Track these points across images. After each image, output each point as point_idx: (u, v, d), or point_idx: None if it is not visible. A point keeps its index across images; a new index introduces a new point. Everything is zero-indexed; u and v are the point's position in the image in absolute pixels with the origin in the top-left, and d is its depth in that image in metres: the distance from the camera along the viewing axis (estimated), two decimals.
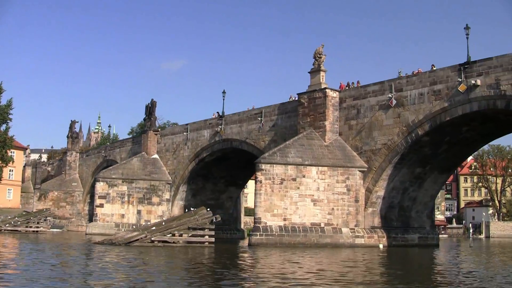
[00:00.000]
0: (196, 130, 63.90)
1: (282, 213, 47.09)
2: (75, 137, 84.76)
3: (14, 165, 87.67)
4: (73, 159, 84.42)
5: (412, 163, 48.64)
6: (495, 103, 41.92)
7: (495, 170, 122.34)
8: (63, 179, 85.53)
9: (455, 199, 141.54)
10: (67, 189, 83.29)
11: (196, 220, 43.22)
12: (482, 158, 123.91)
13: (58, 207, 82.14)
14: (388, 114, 47.55)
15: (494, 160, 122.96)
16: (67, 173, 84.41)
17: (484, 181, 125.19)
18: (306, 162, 48.03)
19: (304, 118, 51.56)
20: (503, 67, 41.52)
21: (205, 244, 43.33)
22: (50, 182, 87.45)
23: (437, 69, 45.72)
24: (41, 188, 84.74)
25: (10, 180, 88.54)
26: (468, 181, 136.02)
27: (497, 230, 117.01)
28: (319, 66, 51.39)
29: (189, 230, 43.41)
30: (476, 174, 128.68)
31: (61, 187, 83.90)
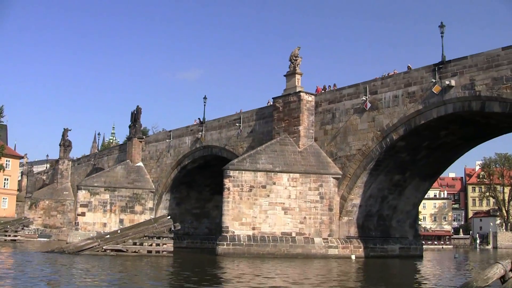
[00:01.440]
0: (178, 137, 60.79)
1: (251, 221, 43.70)
2: (68, 145, 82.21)
3: (10, 173, 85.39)
4: (65, 167, 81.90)
5: (390, 169, 44.84)
6: (470, 105, 38.18)
7: (502, 180, 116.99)
8: (54, 187, 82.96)
9: (463, 209, 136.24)
10: (58, 197, 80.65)
11: (154, 228, 39.91)
12: (489, 167, 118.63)
13: (49, 216, 79.51)
14: (362, 118, 43.94)
15: (502, 169, 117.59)
16: (59, 181, 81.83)
17: (491, 190, 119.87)
18: (277, 169, 44.55)
19: (279, 123, 48.12)
20: (477, 66, 37.80)
21: (162, 254, 39.95)
22: (41, 191, 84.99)
23: (412, 70, 41.96)
24: (32, 197, 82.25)
25: (5, 189, 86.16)
26: (476, 190, 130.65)
27: (505, 240, 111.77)
28: (295, 69, 47.99)
29: (146, 239, 40.05)
30: (483, 184, 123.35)
31: (52, 195, 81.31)
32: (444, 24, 40.70)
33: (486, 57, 37.51)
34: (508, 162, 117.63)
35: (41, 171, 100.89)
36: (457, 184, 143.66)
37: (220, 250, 43.16)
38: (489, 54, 37.49)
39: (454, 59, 39.32)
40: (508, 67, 36.33)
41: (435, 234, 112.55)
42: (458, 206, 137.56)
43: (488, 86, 37.02)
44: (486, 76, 37.22)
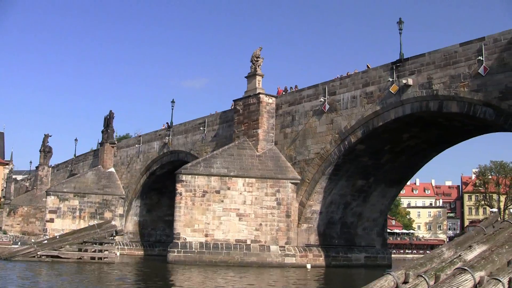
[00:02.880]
0: (147, 142, 57.55)
1: (203, 228, 40.30)
2: (48, 151, 79.29)
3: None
4: (44, 173, 78.94)
5: (351, 174, 41.25)
6: (428, 105, 34.68)
7: (497, 188, 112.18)
8: (34, 194, 79.95)
9: (459, 217, 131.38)
10: (37, 204, 77.49)
11: (96, 234, 36.62)
12: (484, 176, 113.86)
13: (27, 223, 76.44)
14: (321, 121, 40.46)
15: (497, 177, 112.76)
16: (39, 188, 78.78)
17: (487, 199, 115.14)
18: (232, 173, 41.13)
19: (239, 127, 44.73)
20: (435, 64, 34.33)
21: (104, 260, 36.64)
22: (20, 197, 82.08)
23: (371, 69, 38.44)
24: (11, 204, 79.29)
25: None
26: (472, 199, 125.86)
27: None
28: (255, 70, 44.60)
29: (88, 245, 36.80)
30: (478, 192, 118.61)
31: (31, 202, 78.22)
32: (402, 20, 37.13)
33: (444, 54, 34.03)
34: (503, 170, 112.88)
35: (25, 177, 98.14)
36: (453, 192, 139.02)
37: (171, 257, 39.88)
38: (446, 50, 34.00)
39: (412, 56, 35.89)
40: (465, 64, 32.81)
41: (428, 244, 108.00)
42: (454, 215, 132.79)
43: (446, 85, 33.52)
44: (444, 74, 33.74)
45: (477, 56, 32.17)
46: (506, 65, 31.01)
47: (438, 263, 14.82)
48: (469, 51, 32.80)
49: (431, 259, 15.86)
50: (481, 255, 14.44)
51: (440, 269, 13.36)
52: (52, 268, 31.54)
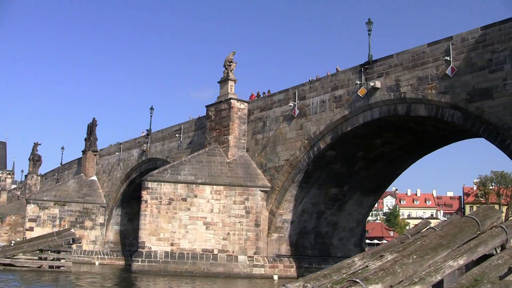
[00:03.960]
0: (127, 150, 55.50)
1: (169, 237, 38.03)
2: (37, 160, 77.55)
3: None
4: (33, 182, 77.14)
5: (323, 182, 38.81)
6: (396, 108, 32.29)
7: (498, 199, 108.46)
8: (22, 203, 77.99)
9: None
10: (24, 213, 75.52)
11: (53, 241, 34.50)
12: (485, 186, 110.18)
13: (14, 232, 74.47)
14: (291, 126, 38.16)
15: (498, 188, 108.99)
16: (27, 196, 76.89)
17: None
18: (199, 181, 38.89)
19: (211, 133, 42.53)
20: (403, 65, 31.98)
21: (60, 269, 34.44)
22: (8, 206, 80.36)
23: (340, 71, 36.10)
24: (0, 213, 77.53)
25: None
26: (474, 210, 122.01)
27: None
28: (228, 75, 42.38)
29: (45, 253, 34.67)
30: (479, 203, 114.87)
31: (19, 211, 76.23)
32: (371, 20, 34.81)
33: (412, 55, 31.69)
34: (504, 180, 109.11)
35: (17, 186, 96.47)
36: (454, 203, 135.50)
37: (135, 267, 37.70)
38: (414, 51, 31.66)
39: (380, 58, 33.52)
40: (433, 65, 30.44)
41: None
42: None
43: (413, 87, 31.14)
44: (411, 75, 31.38)
45: (444, 57, 29.78)
46: (474, 66, 28.63)
47: (343, 274, 12.74)
48: (437, 51, 30.45)
49: (339, 269, 13.64)
50: (381, 266, 12.14)
51: (339, 282, 11.59)
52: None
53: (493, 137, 27.88)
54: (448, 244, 13.25)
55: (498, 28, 27.94)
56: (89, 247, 55.55)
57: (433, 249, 12.99)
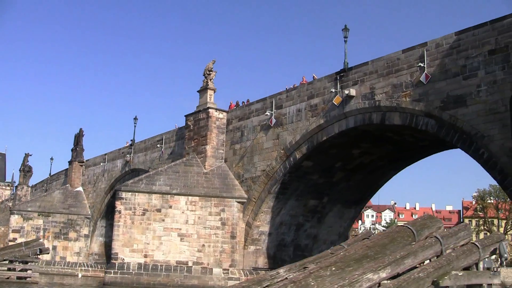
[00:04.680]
0: (112, 160, 54.21)
1: (143, 248, 36.55)
2: (28, 171, 76.38)
3: None
4: (23, 193, 75.82)
5: (301, 193, 37.29)
6: (371, 117, 30.79)
7: (497, 213, 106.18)
8: None
9: None
10: None
11: (20, 252, 33.11)
12: (484, 200, 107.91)
13: (3, 243, 73.04)
14: (268, 136, 36.75)
15: (497, 202, 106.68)
16: None
17: (487, 224, 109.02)
18: (174, 191, 37.46)
19: (190, 143, 41.16)
20: (378, 72, 30.59)
21: (27, 281, 33.01)
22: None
23: (316, 80, 34.72)
24: None
25: None
26: (473, 224, 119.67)
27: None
28: (207, 84, 41.07)
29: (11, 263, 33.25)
30: (478, 217, 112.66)
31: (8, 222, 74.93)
32: (348, 27, 33.44)
33: (387, 62, 30.29)
34: (503, 194, 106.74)
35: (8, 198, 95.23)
36: (454, 217, 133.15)
37: (107, 279, 36.25)
38: (389, 58, 30.28)
39: (356, 65, 32.14)
40: (408, 72, 29.04)
41: None
42: None
43: (388, 95, 29.72)
44: (386, 83, 29.98)
45: (419, 63, 28.38)
46: (448, 72, 27.23)
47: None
48: (411, 58, 29.08)
49: (260, 282, 12.35)
50: (293, 278, 10.74)
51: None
52: None
53: (467, 146, 26.41)
54: (375, 255, 11.79)
55: (472, 33, 26.58)
56: (73, 258, 54.10)
57: (357, 260, 11.54)
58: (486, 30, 26.05)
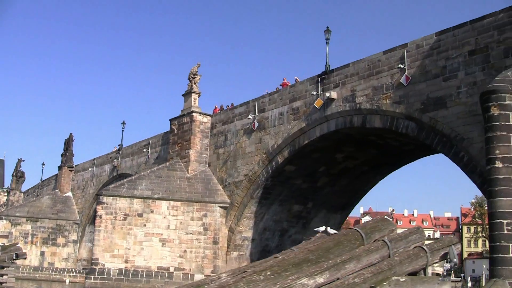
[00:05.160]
0: (100, 165, 53.34)
1: (123, 253, 35.59)
2: (20, 176, 75.45)
3: None
4: (16, 199, 74.95)
5: (285, 198, 36.32)
6: (352, 120, 29.82)
7: None
8: None
9: None
10: None
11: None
12: (481, 207, 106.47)
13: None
14: (251, 140, 35.83)
15: None
16: None
17: (485, 231, 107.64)
18: (156, 196, 36.52)
19: (174, 147, 40.27)
20: (359, 74, 29.63)
21: (3, 286, 31.99)
22: None
23: (298, 82, 33.81)
24: None
25: None
26: (471, 230, 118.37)
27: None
28: (192, 88, 40.21)
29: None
30: (476, 224, 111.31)
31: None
32: (330, 29, 32.55)
33: (368, 64, 29.36)
34: None
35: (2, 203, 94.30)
36: (452, 224, 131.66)
37: (87, 284, 35.32)
38: (370, 60, 29.35)
39: (337, 67, 31.21)
40: (388, 74, 28.11)
41: None
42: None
43: (369, 97, 28.78)
44: (367, 85, 29.03)
45: (399, 65, 27.45)
46: (428, 73, 26.29)
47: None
48: (392, 59, 28.15)
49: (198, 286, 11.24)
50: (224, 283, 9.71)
51: None
52: None
53: (447, 150, 25.45)
54: (317, 259, 10.74)
55: (452, 33, 25.66)
56: (61, 264, 53.16)
57: (296, 265, 10.50)
58: (466, 30, 25.14)
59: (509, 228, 15.14)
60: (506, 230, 15.16)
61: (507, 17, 23.90)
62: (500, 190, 15.45)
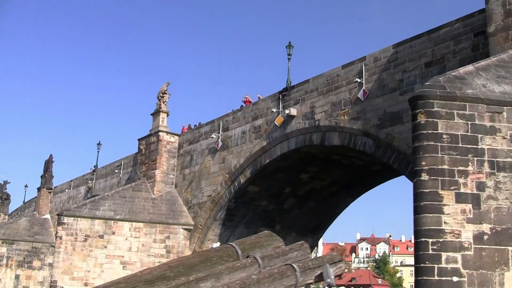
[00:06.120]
0: (76, 187, 51.45)
1: (83, 276, 33.48)
2: (6, 198, 73.60)
3: None
4: (0, 221, 73.17)
5: (250, 221, 34.24)
6: (311, 138, 27.91)
7: None
8: None
9: None
10: None
11: None
12: None
13: None
14: (215, 159, 33.92)
15: None
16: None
17: None
18: (118, 217, 34.53)
19: (141, 167, 38.40)
20: (318, 90, 27.86)
21: None
22: None
23: (261, 100, 32.04)
24: None
25: None
26: None
27: None
28: (160, 107, 38.47)
29: None
30: None
31: None
32: (292, 44, 30.86)
33: (327, 79, 27.59)
34: None
35: None
36: None
37: None
38: (329, 74, 27.60)
39: (298, 83, 29.43)
40: (347, 89, 26.30)
41: None
42: None
43: (327, 114, 26.93)
44: (326, 101, 27.21)
45: (356, 79, 25.66)
46: (385, 87, 24.48)
47: None
48: (350, 74, 26.38)
49: None
50: None
51: None
52: None
53: (403, 167, 23.46)
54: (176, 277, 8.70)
55: (409, 45, 23.93)
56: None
57: (149, 282, 8.42)
58: (423, 42, 23.44)
59: (434, 247, 13.08)
60: (431, 249, 13.10)
61: (462, 27, 22.20)
62: (426, 205, 13.44)
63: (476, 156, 13.92)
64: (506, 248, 13.29)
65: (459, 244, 13.18)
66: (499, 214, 13.53)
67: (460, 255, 13.11)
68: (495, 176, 13.79)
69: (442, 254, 13.11)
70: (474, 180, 13.67)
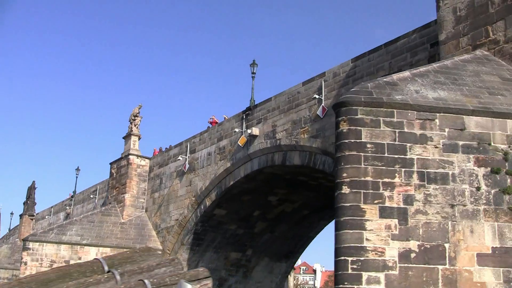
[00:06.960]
0: (56, 213, 50.13)
1: None
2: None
3: None
4: None
5: (220, 245, 32.67)
6: (273, 158, 26.49)
7: None
8: None
9: None
10: None
11: None
12: None
13: None
14: (182, 182, 32.56)
15: None
16: None
17: None
18: (84, 242, 33.03)
19: (112, 191, 37.07)
20: (280, 108, 26.55)
21: None
22: None
23: (226, 120, 30.75)
24: None
25: None
26: None
27: None
28: (132, 130, 37.25)
29: None
30: None
31: None
32: (256, 62, 29.66)
33: (288, 96, 26.32)
34: None
35: None
36: None
37: None
38: (290, 92, 26.34)
39: (260, 102, 28.15)
40: (306, 106, 25.01)
41: None
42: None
43: (288, 132, 25.57)
44: (287, 119, 25.90)
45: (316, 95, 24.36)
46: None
47: None
48: (310, 90, 25.10)
49: None
50: None
51: None
52: None
53: None
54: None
55: (368, 58, 22.67)
56: None
57: None
58: (381, 54, 22.16)
59: (354, 266, 11.55)
60: (351, 269, 11.56)
61: (419, 38, 20.93)
62: (346, 220, 11.93)
63: (404, 167, 12.42)
64: (436, 267, 11.73)
65: (383, 263, 11.63)
66: (429, 230, 12.00)
67: (384, 275, 11.56)
68: (425, 189, 12.29)
69: (363, 274, 11.55)
70: (401, 193, 12.17)
